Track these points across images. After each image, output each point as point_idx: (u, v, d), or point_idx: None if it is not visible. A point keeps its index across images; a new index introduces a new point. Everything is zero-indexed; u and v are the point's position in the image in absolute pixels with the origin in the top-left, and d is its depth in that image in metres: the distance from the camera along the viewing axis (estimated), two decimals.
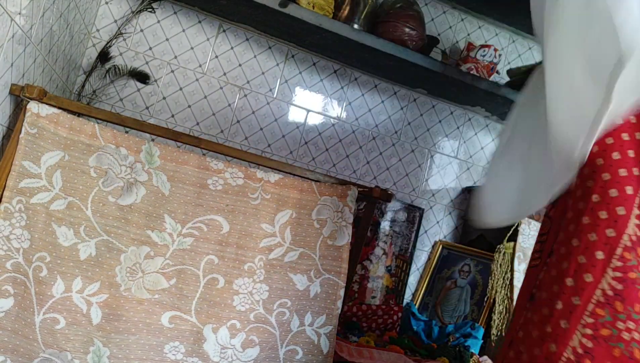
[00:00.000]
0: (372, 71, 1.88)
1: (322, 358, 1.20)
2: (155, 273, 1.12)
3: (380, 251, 1.87)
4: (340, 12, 1.67)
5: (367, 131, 1.91)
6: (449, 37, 2.04)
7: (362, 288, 1.82)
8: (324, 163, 1.86)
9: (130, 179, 1.13)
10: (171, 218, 1.15)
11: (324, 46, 1.74)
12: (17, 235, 1.03)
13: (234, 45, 1.75)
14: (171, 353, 1.11)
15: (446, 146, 2.03)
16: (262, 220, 1.21)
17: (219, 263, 1.17)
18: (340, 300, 1.24)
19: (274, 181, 1.24)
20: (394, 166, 1.95)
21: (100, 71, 1.59)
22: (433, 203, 2.00)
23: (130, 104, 1.65)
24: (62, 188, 1.08)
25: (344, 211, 1.27)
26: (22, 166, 1.05)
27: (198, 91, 1.72)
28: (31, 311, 1.02)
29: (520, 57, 2.15)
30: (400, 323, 1.78)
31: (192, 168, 1.18)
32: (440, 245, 1.97)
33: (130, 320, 1.09)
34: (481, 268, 1.79)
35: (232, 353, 1.15)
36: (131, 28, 1.64)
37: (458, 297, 1.79)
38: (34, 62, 1.14)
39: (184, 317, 1.13)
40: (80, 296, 1.06)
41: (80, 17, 1.41)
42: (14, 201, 1.04)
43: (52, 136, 1.08)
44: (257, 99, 1.78)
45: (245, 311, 1.17)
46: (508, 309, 1.53)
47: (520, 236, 1.55)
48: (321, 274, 1.24)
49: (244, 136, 1.76)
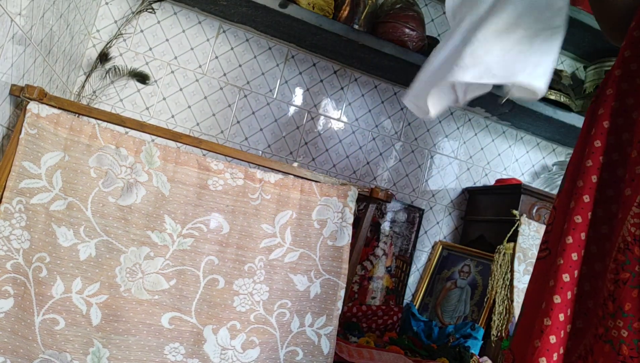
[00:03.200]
0: (372, 71, 1.88)
1: (322, 359, 1.20)
2: (155, 274, 1.12)
3: (380, 252, 1.87)
4: (340, 12, 1.67)
5: (367, 131, 1.91)
6: None
7: (362, 289, 1.82)
8: (324, 163, 1.86)
9: (130, 179, 1.13)
10: (171, 219, 1.15)
11: (324, 46, 1.74)
12: (17, 236, 1.03)
13: (234, 45, 1.76)
14: (171, 355, 1.11)
15: (446, 146, 2.03)
16: (262, 221, 1.21)
17: (219, 263, 1.17)
18: (341, 300, 1.24)
19: (274, 181, 1.24)
20: (394, 167, 1.95)
21: (100, 72, 1.59)
22: (433, 203, 2.00)
23: (130, 104, 1.65)
24: (62, 188, 1.08)
25: (344, 212, 1.26)
26: (22, 166, 1.05)
27: (198, 92, 1.72)
28: (31, 312, 1.02)
29: None
30: (400, 324, 1.78)
31: (192, 168, 1.18)
32: (440, 245, 1.97)
33: (130, 321, 1.09)
34: (481, 269, 1.79)
35: (232, 354, 1.15)
36: (131, 29, 1.64)
37: (458, 298, 1.79)
38: (34, 62, 1.14)
39: (184, 318, 1.13)
40: (80, 297, 1.06)
41: (80, 17, 1.41)
42: (14, 202, 1.04)
43: (52, 137, 1.08)
44: (257, 100, 1.78)
45: (245, 312, 1.17)
46: (508, 310, 1.53)
47: (520, 237, 1.55)
48: (321, 275, 1.24)
49: (244, 136, 1.76)
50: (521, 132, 2.14)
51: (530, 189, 1.73)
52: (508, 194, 1.81)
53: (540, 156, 2.18)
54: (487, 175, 2.08)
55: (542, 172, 2.16)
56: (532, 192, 1.73)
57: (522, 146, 2.15)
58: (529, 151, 2.16)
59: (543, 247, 0.81)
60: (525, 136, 2.15)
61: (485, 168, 2.08)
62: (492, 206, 1.89)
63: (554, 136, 2.10)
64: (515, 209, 1.62)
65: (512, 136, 2.13)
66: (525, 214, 1.63)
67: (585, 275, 0.72)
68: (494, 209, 1.87)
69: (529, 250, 1.55)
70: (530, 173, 2.16)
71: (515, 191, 1.75)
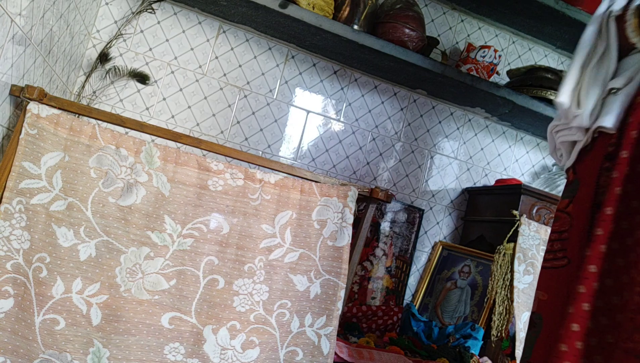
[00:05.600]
0: (372, 71, 1.88)
1: (322, 359, 1.20)
2: (155, 274, 1.12)
3: (380, 252, 1.87)
4: (340, 13, 1.67)
5: (367, 131, 1.92)
6: (449, 38, 2.04)
7: (362, 289, 1.82)
8: (324, 163, 1.86)
9: (130, 180, 1.13)
10: (171, 219, 1.15)
11: (324, 46, 1.74)
12: (17, 236, 1.03)
13: (234, 46, 1.76)
14: (171, 355, 1.11)
15: (446, 146, 2.03)
16: (262, 221, 1.21)
17: (219, 264, 1.17)
18: (341, 300, 1.24)
19: (274, 182, 1.24)
20: (394, 167, 1.95)
21: (100, 72, 1.59)
22: (433, 203, 2.00)
23: (130, 104, 1.65)
24: (62, 188, 1.08)
25: (344, 212, 1.26)
26: (22, 167, 1.05)
27: (198, 92, 1.72)
28: (31, 312, 1.02)
29: (520, 58, 2.15)
30: (400, 324, 1.78)
31: (192, 168, 1.18)
32: (440, 245, 1.97)
33: (130, 321, 1.09)
34: (481, 269, 1.78)
35: (232, 354, 1.15)
36: (131, 29, 1.64)
37: (458, 298, 1.79)
38: (34, 63, 1.14)
39: (184, 318, 1.13)
40: (80, 297, 1.06)
41: (80, 18, 1.41)
42: (14, 202, 1.04)
43: (52, 137, 1.08)
44: (257, 100, 1.78)
45: (245, 312, 1.17)
46: (508, 310, 1.53)
47: (520, 237, 1.55)
48: (321, 275, 1.24)
49: (244, 136, 1.76)
50: (521, 132, 2.14)
51: (530, 189, 1.73)
52: (508, 194, 1.81)
53: (540, 156, 2.18)
54: (487, 175, 2.08)
55: (542, 172, 2.16)
56: (532, 192, 1.73)
57: (522, 146, 2.15)
58: (529, 151, 2.16)
59: (560, 255, 0.77)
60: (525, 137, 2.15)
61: (485, 168, 2.08)
62: (492, 207, 1.89)
63: None
64: (515, 210, 1.62)
65: (512, 136, 2.13)
66: (525, 215, 1.63)
67: (612, 287, 0.70)
68: (494, 209, 1.87)
69: (529, 250, 1.55)
70: (530, 173, 2.15)
71: (515, 192, 1.75)
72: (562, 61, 2.21)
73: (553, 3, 1.79)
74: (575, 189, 0.79)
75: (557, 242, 0.79)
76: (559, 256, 0.78)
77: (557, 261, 0.78)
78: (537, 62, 2.16)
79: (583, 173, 0.79)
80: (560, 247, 0.78)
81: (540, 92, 1.87)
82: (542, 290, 0.79)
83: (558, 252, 0.78)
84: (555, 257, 0.78)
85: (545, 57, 2.19)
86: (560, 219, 0.79)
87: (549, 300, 0.77)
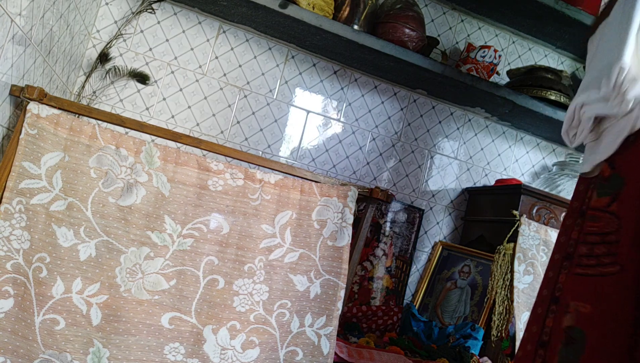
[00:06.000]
0: (372, 71, 1.88)
1: (322, 359, 1.20)
2: (155, 274, 1.12)
3: (380, 252, 1.87)
4: (340, 13, 1.67)
5: (367, 131, 1.92)
6: (449, 38, 2.04)
7: (362, 289, 1.82)
8: (324, 163, 1.86)
9: (130, 180, 1.13)
10: (171, 219, 1.15)
11: (324, 46, 1.74)
12: (17, 236, 1.03)
13: (234, 46, 1.76)
14: (171, 355, 1.11)
15: (446, 146, 2.03)
16: (262, 221, 1.21)
17: (219, 264, 1.17)
18: (341, 301, 1.24)
19: (274, 182, 1.24)
20: (394, 167, 1.95)
21: (100, 72, 1.59)
22: (433, 203, 2.00)
23: (130, 104, 1.65)
24: (62, 188, 1.08)
25: (344, 212, 1.26)
26: (22, 167, 1.05)
27: (198, 92, 1.72)
28: (31, 312, 1.02)
29: (520, 58, 2.15)
30: (400, 324, 1.78)
31: (192, 168, 1.18)
32: (440, 245, 1.97)
33: (130, 321, 1.09)
34: (481, 269, 1.78)
35: (232, 354, 1.15)
36: (131, 29, 1.64)
37: (458, 298, 1.79)
38: (34, 63, 1.14)
39: (184, 318, 1.13)
40: (80, 297, 1.06)
41: (80, 18, 1.41)
42: (14, 202, 1.04)
43: (52, 137, 1.08)
44: (257, 100, 1.78)
45: (245, 312, 1.17)
46: (508, 310, 1.53)
47: (520, 237, 1.55)
48: (321, 275, 1.24)
49: (244, 136, 1.76)
50: (521, 132, 2.14)
51: (531, 189, 1.73)
52: (508, 194, 1.81)
53: (540, 156, 2.18)
54: (487, 175, 2.08)
55: (542, 172, 2.16)
56: (532, 192, 1.73)
57: (522, 146, 2.15)
58: (529, 151, 2.16)
59: (607, 261, 0.67)
60: (525, 137, 2.15)
61: (485, 168, 2.08)
62: (492, 207, 1.89)
63: (554, 136, 2.10)
64: (515, 210, 1.62)
65: (512, 136, 2.13)
66: (525, 215, 1.63)
67: None
68: (494, 209, 1.87)
69: (529, 250, 1.55)
70: (530, 173, 2.16)
71: (515, 192, 1.75)
72: (562, 61, 2.21)
73: (553, 3, 1.79)
74: (618, 185, 0.70)
75: (600, 246, 0.69)
76: (606, 261, 0.68)
77: (604, 268, 0.68)
78: (537, 62, 2.17)
79: (628, 167, 0.70)
80: (606, 251, 0.68)
81: (540, 92, 1.87)
82: (582, 300, 0.68)
83: (603, 257, 0.68)
84: (601, 263, 0.68)
85: (545, 57, 2.19)
86: (601, 220, 0.70)
87: (595, 312, 0.67)
